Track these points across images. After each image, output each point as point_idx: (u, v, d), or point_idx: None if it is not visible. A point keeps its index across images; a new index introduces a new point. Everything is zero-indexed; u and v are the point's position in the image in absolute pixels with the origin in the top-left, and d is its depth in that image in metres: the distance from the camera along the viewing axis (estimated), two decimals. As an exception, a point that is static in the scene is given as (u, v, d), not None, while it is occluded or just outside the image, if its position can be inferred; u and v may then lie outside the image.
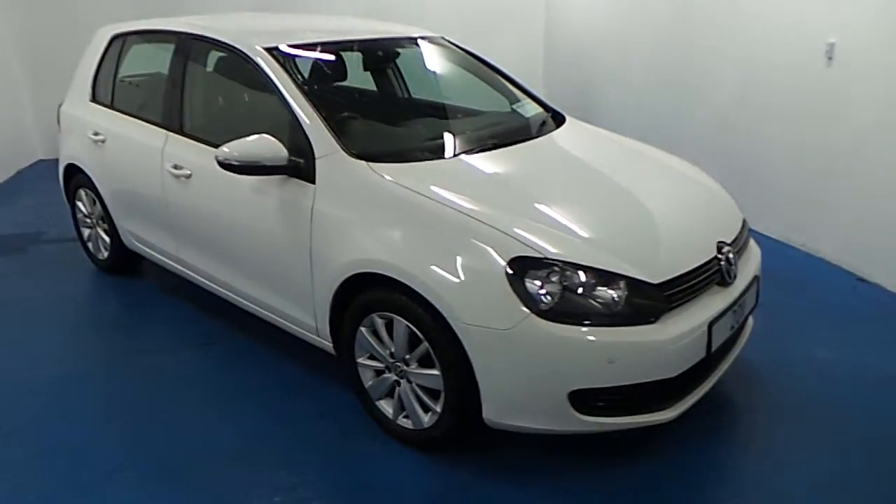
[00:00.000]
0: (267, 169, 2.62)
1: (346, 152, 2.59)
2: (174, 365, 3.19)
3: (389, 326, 2.46)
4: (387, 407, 2.62)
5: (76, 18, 6.80)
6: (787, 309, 3.58)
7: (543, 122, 3.28)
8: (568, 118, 3.36)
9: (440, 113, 3.41)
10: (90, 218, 4.15)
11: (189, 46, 3.28)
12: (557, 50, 7.76)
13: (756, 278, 2.67)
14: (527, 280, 2.14)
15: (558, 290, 2.15)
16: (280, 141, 2.63)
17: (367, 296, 2.49)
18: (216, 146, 2.95)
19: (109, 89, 3.84)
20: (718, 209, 2.77)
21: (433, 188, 2.43)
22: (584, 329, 2.12)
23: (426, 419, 2.47)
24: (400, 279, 2.30)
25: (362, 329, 2.55)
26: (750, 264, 2.68)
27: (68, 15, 6.86)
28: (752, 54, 4.71)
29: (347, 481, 2.43)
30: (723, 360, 2.56)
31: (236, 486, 2.40)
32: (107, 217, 3.93)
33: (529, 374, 2.17)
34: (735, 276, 2.51)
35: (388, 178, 2.49)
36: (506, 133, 3.08)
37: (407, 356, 2.44)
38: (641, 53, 6.09)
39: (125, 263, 4.13)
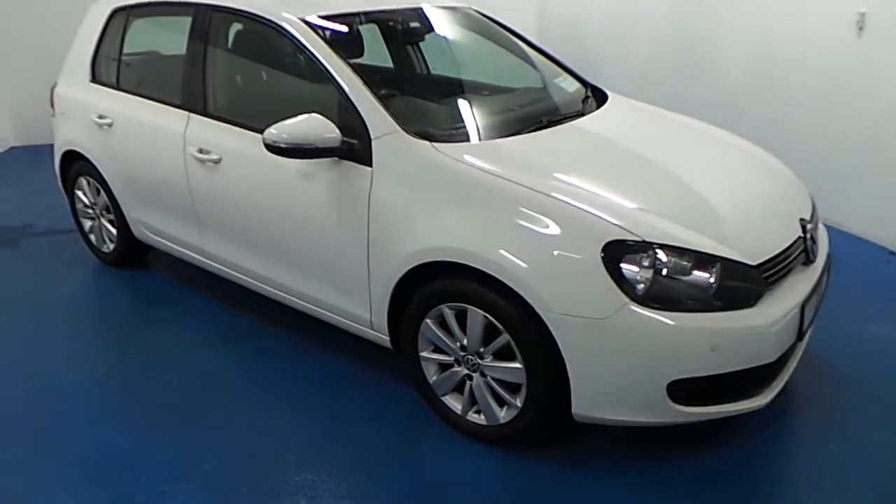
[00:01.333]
0: (318, 151, 2.42)
1: (406, 132, 2.41)
2: (209, 362, 2.98)
3: (460, 318, 2.32)
4: (454, 402, 2.47)
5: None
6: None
7: (586, 98, 3.13)
8: (610, 94, 3.22)
9: (480, 89, 3.22)
10: (93, 208, 3.87)
11: (210, 20, 3.02)
12: (552, 24, 7.60)
13: (829, 256, 2.59)
14: (623, 265, 2.01)
15: (655, 275, 2.02)
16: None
17: (435, 286, 2.33)
18: (250, 128, 2.78)
19: (114, 68, 3.55)
20: (791, 187, 2.68)
21: (506, 169, 2.27)
22: (685, 315, 2.00)
23: (502, 414, 2.34)
24: (481, 268, 2.14)
25: (428, 321, 2.39)
26: (822, 242, 2.60)
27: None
28: (768, 26, 4.62)
29: (422, 482, 2.29)
30: (801, 342, 2.48)
31: (306, 492, 2.23)
32: (114, 207, 3.66)
33: (627, 364, 2.04)
34: (817, 255, 2.42)
35: (456, 158, 2.32)
36: (555, 109, 2.93)
37: (481, 349, 2.30)
38: (644, 28, 5.97)
39: (132, 256, 3.88)
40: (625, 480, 2.28)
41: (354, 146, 2.44)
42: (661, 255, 2.03)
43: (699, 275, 2.05)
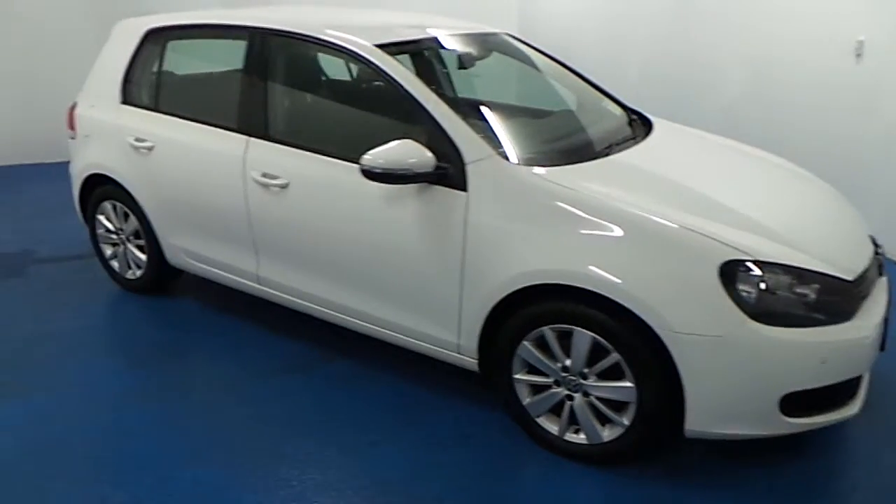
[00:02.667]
0: (413, 177, 2.43)
1: (501, 156, 2.45)
2: (275, 392, 2.90)
3: (561, 339, 2.35)
4: (549, 423, 2.50)
5: (16, 18, 6.15)
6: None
7: (634, 122, 3.23)
8: (653, 119, 3.33)
9: (544, 114, 3.26)
10: (118, 234, 3.72)
11: (269, 43, 2.97)
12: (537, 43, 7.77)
13: None
14: (738, 284, 2.10)
15: (766, 293, 2.12)
16: None
17: (535, 308, 2.36)
18: (323, 153, 2.75)
19: (151, 90, 3.44)
20: (849, 206, 2.84)
21: (610, 191, 2.33)
22: (797, 330, 2.10)
23: (605, 433, 2.38)
24: (595, 290, 2.19)
25: (526, 343, 2.42)
26: None
27: (6, 13, 6.15)
28: (766, 51, 4.89)
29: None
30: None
31: (422, 522, 2.22)
32: (146, 232, 3.53)
33: (743, 379, 2.12)
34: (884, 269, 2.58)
35: (557, 182, 2.36)
36: (615, 134, 3.01)
37: (586, 369, 2.34)
38: (637, 51, 6.19)
39: (160, 282, 3.75)
40: (735, 494, 2.35)
41: (447, 171, 2.45)
42: (773, 273, 2.13)
43: (805, 291, 2.16)
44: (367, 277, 2.75)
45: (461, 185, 2.44)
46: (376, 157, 2.41)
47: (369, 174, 2.42)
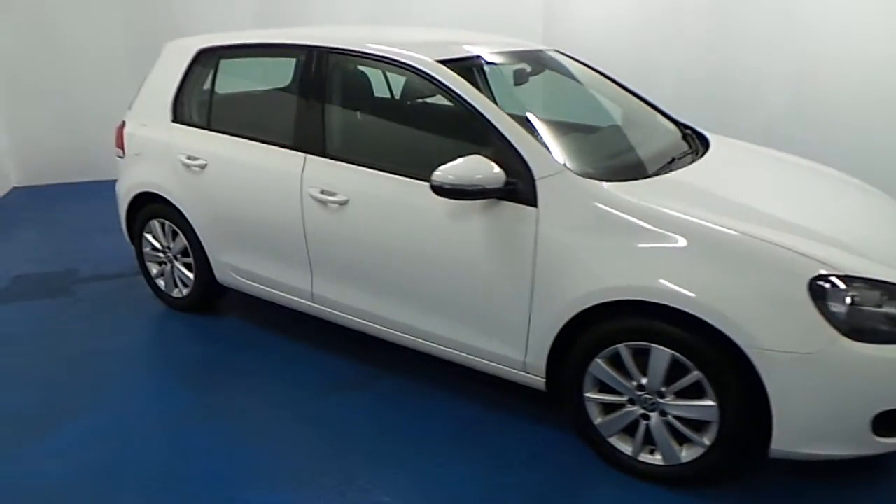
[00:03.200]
0: (483, 192, 2.40)
1: (573, 171, 2.41)
2: (333, 411, 2.86)
3: (636, 356, 2.30)
4: (622, 443, 2.44)
5: (55, 39, 6.23)
6: None
7: (689, 138, 3.19)
8: (708, 133, 3.29)
9: (603, 130, 3.21)
10: (165, 252, 3.72)
11: (326, 61, 2.97)
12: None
13: None
14: (828, 299, 2.04)
15: (855, 308, 2.06)
16: None
17: (610, 325, 2.31)
18: (384, 169, 2.73)
19: (203, 108, 3.45)
20: None
21: (682, 206, 2.29)
22: (889, 347, 2.04)
23: (683, 453, 2.31)
24: (676, 306, 2.14)
25: (599, 361, 2.37)
26: None
27: (45, 35, 6.23)
28: (808, 67, 4.84)
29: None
30: None
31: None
32: (195, 250, 3.52)
33: (833, 398, 2.06)
34: None
35: (632, 197, 2.33)
36: (674, 149, 2.96)
37: (663, 388, 2.28)
38: (671, 67, 6.15)
39: (207, 301, 3.73)
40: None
41: (517, 186, 2.42)
42: (861, 288, 2.07)
43: (894, 306, 2.10)
44: (428, 294, 2.71)
45: (531, 200, 2.41)
46: (446, 172, 2.38)
47: (439, 190, 2.39)
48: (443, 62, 2.71)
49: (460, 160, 2.40)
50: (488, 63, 3.05)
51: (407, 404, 2.90)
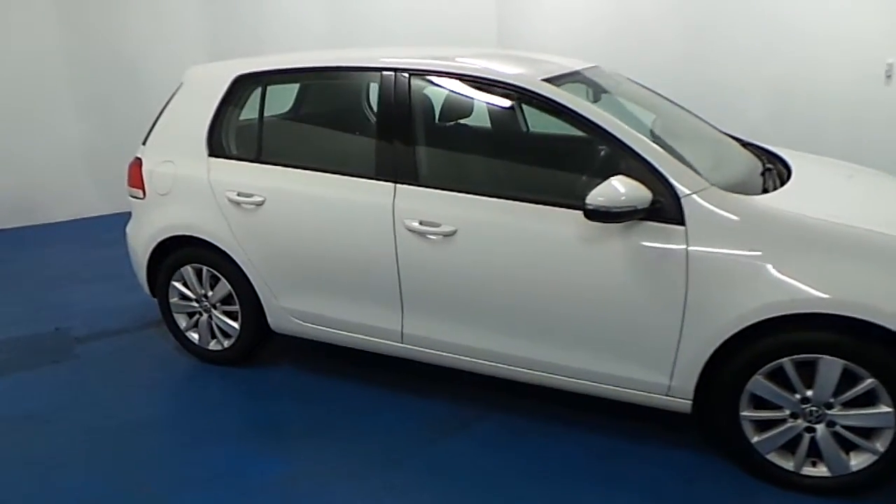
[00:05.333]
0: (634, 213, 2.30)
1: (719, 187, 2.37)
2: (441, 461, 2.64)
3: (800, 369, 2.27)
4: (782, 459, 2.40)
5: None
6: None
7: (756, 151, 3.23)
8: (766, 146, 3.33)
9: (707, 143, 3.17)
10: (200, 301, 3.33)
11: (409, 84, 2.77)
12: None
13: None
14: None
15: None
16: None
17: (773, 339, 2.26)
18: (500, 196, 2.58)
19: (251, 140, 3.13)
20: None
21: (832, 214, 2.30)
22: None
23: (853, 462, 2.31)
24: (853, 315, 2.12)
25: (759, 377, 2.32)
26: None
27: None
28: (790, 72, 5.10)
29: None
30: None
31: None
32: (242, 296, 3.18)
33: None
34: None
35: (784, 209, 2.31)
36: (762, 162, 2.97)
37: (831, 398, 2.26)
38: (649, 74, 6.29)
39: (251, 352, 3.38)
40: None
41: (662, 205, 2.35)
42: None
43: None
44: (556, 324, 2.57)
45: (677, 218, 2.34)
46: (597, 195, 2.28)
47: (594, 214, 2.28)
48: (548, 80, 2.61)
49: (611, 181, 2.30)
50: (579, 81, 2.96)
51: (523, 443, 2.73)
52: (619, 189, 2.29)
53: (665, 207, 2.35)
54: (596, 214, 2.29)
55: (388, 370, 3.23)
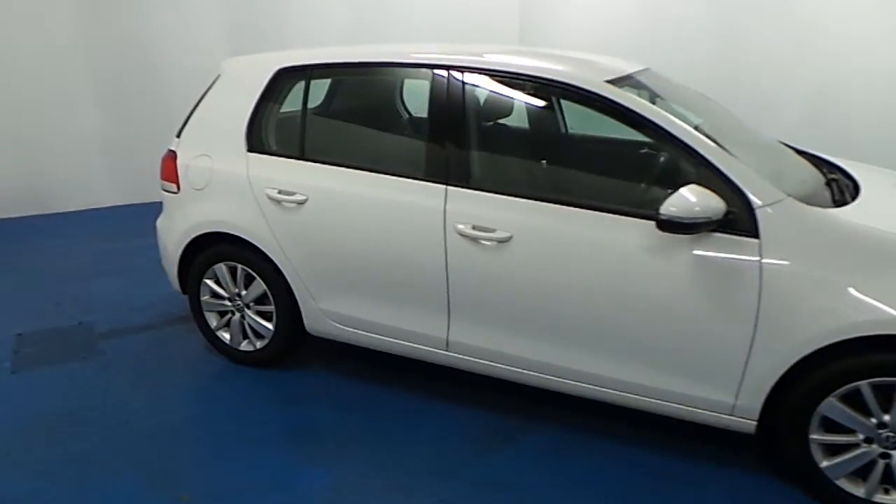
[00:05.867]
0: (707, 224, 2.20)
1: (796, 199, 2.26)
2: (490, 473, 2.53)
3: (877, 392, 2.17)
4: (852, 486, 2.30)
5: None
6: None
7: (809, 157, 3.13)
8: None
9: (765, 151, 3.03)
10: (233, 300, 3.23)
11: (463, 82, 2.66)
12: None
13: None
14: None
15: None
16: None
17: (852, 360, 2.15)
18: (562, 203, 2.47)
19: (293, 136, 3.01)
20: None
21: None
22: None
23: (929, 491, 2.21)
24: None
25: (832, 399, 2.22)
26: None
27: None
28: (824, 74, 4.96)
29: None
30: None
31: None
32: (278, 297, 3.08)
33: None
34: None
35: (867, 224, 2.21)
36: (826, 172, 2.86)
37: (910, 424, 2.17)
38: (677, 72, 6.16)
39: (285, 353, 3.28)
40: None
41: (735, 216, 2.24)
42: None
43: None
44: (613, 336, 2.46)
45: (751, 231, 2.23)
46: (669, 206, 2.18)
47: (667, 224, 2.17)
48: (611, 82, 2.50)
49: (683, 191, 2.20)
50: (635, 85, 2.84)
51: (577, 459, 2.62)
52: (691, 199, 2.18)
53: (738, 218, 2.24)
54: (669, 225, 2.18)
55: (428, 377, 3.13)
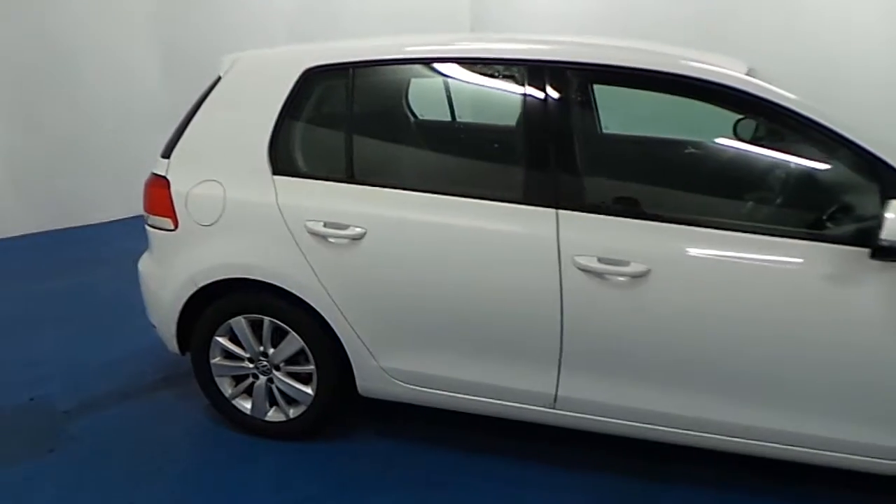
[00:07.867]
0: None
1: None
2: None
3: None
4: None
5: None
6: None
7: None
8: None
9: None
10: (255, 361, 2.56)
11: (571, 83, 2.16)
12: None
13: None
14: None
15: None
16: None
17: None
18: (715, 226, 2.05)
19: (335, 153, 2.38)
20: None
21: None
22: None
23: None
24: None
25: None
26: None
27: None
28: (828, 52, 4.87)
29: None
30: None
31: None
32: (321, 355, 2.46)
33: None
34: None
35: None
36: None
37: None
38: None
39: (324, 423, 2.65)
40: None
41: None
42: None
43: None
44: (786, 384, 2.06)
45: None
46: (892, 230, 1.79)
47: (889, 252, 1.79)
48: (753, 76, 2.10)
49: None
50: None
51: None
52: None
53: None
54: (891, 252, 1.80)
55: (513, 437, 2.61)
